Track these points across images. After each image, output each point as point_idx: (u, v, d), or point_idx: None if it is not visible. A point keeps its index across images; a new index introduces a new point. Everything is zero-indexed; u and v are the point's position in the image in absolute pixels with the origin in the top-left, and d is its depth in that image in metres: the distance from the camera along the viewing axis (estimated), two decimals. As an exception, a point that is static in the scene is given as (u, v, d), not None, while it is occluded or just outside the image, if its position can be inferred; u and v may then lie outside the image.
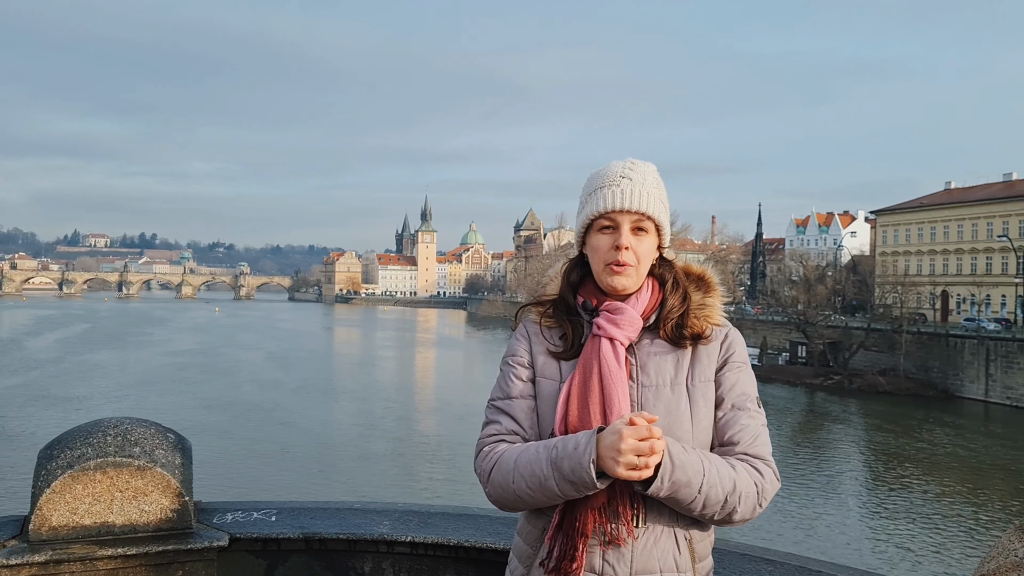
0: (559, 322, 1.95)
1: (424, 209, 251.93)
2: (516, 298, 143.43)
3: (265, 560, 2.49)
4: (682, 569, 1.76)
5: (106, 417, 2.49)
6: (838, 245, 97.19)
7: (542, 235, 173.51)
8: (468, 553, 2.42)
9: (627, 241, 1.85)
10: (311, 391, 54.67)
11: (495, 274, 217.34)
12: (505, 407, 1.92)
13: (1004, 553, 1.55)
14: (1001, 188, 75.31)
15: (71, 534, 2.26)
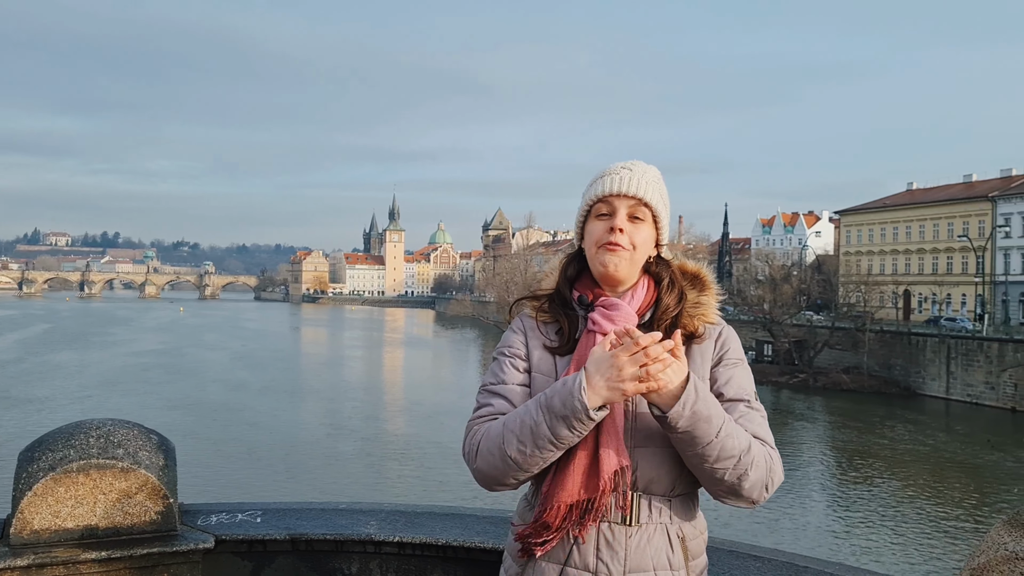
0: (555, 316, 1.95)
1: (392, 208, 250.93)
2: (485, 298, 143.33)
3: (251, 562, 2.46)
4: (675, 567, 1.77)
5: (87, 419, 2.45)
6: (803, 245, 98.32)
7: (511, 235, 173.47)
8: (456, 552, 2.42)
9: (622, 224, 1.85)
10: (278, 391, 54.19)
11: (463, 274, 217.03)
12: (499, 390, 1.92)
13: (994, 547, 1.58)
14: (961, 189, 76.67)
15: (53, 537, 2.22)
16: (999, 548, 1.56)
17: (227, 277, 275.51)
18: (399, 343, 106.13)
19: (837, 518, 24.19)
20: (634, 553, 1.75)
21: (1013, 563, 1.53)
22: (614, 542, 1.76)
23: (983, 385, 51.44)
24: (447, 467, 33.05)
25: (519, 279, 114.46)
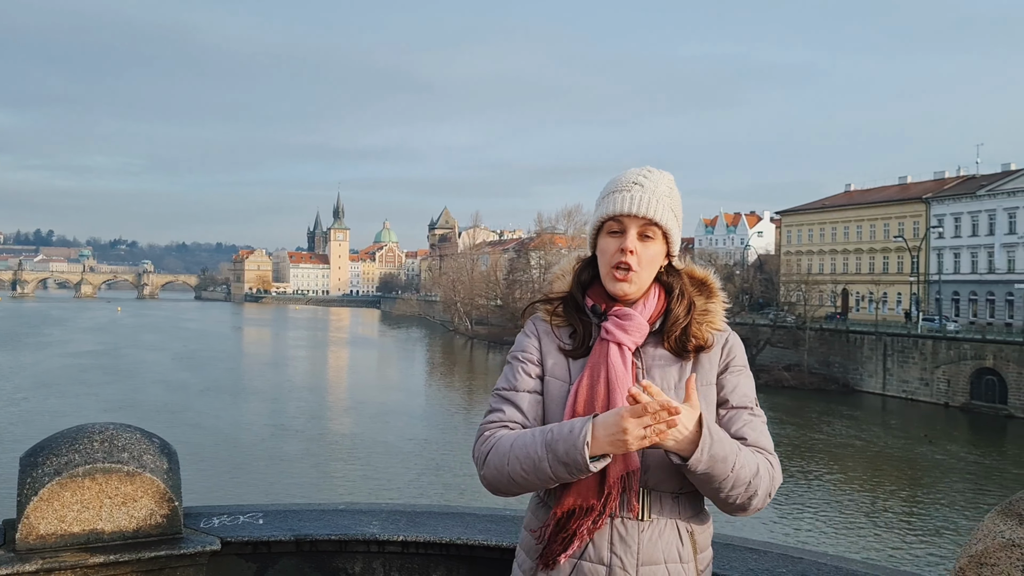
0: (569, 320, 2.01)
1: (337, 206, 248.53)
2: (431, 297, 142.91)
3: (255, 563, 2.48)
4: (685, 560, 1.86)
5: (88, 423, 2.44)
6: (745, 245, 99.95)
7: (457, 233, 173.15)
8: (459, 551, 2.47)
9: (632, 245, 1.91)
10: (220, 392, 53.35)
11: (409, 273, 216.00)
12: (510, 397, 1.99)
13: (991, 535, 1.69)
14: (896, 191, 78.83)
15: (59, 542, 2.21)
16: (996, 536, 1.68)
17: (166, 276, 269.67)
18: (344, 343, 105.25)
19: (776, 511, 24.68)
20: (646, 547, 1.84)
21: (1010, 550, 1.64)
22: (627, 536, 1.84)
23: (918, 381, 53.03)
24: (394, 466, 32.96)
25: (466, 278, 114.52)
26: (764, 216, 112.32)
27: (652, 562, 1.84)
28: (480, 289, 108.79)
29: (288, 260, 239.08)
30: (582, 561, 1.86)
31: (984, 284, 66.27)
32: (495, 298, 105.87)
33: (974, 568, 1.70)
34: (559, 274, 2.10)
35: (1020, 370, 46.91)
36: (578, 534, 1.85)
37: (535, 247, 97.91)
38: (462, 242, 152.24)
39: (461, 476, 32.80)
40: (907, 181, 79.57)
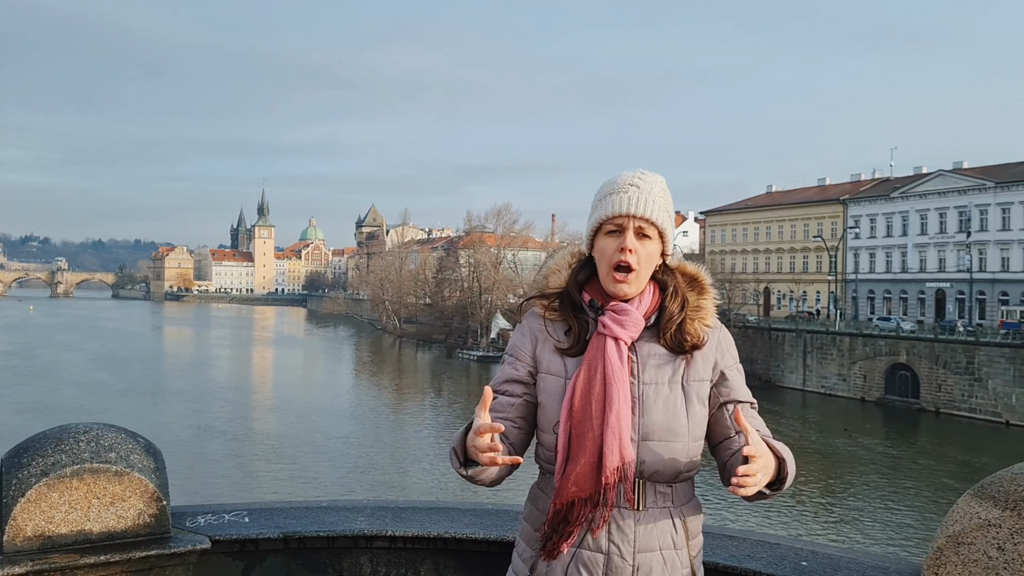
0: (564, 317, 2.07)
1: (261, 203, 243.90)
2: (359, 295, 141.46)
3: (242, 561, 2.48)
4: (678, 546, 1.95)
5: (71, 423, 2.41)
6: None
7: (385, 232, 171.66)
8: (447, 544, 2.52)
9: (631, 244, 1.98)
10: (140, 392, 52.00)
11: (336, 271, 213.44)
12: (501, 389, 2.08)
13: (966, 516, 1.82)
14: (816, 192, 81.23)
15: (47, 544, 2.18)
16: (972, 517, 1.81)
17: (82, 274, 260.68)
18: (269, 342, 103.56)
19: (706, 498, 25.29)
20: (642, 535, 1.92)
21: (986, 529, 1.77)
22: (624, 525, 1.92)
23: (836, 377, 54.83)
24: (321, 465, 32.65)
25: (394, 277, 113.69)
26: (689, 216, 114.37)
27: (648, 549, 1.92)
28: (409, 288, 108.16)
29: (211, 258, 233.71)
30: (581, 550, 1.93)
31: (898, 283, 68.85)
32: (424, 297, 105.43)
33: (952, 547, 1.82)
34: (554, 268, 2.15)
35: (931, 366, 48.90)
36: (578, 525, 1.92)
37: (464, 246, 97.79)
38: (390, 240, 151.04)
39: (390, 474, 32.72)
40: (826, 183, 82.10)
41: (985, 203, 63.52)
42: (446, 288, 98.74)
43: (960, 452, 37.59)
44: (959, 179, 65.72)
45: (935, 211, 66.75)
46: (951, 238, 65.02)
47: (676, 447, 1.94)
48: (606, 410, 1.92)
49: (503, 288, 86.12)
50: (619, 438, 1.91)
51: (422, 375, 72.45)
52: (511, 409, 2.05)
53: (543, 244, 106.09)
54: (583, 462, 1.92)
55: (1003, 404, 44.84)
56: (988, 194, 63.23)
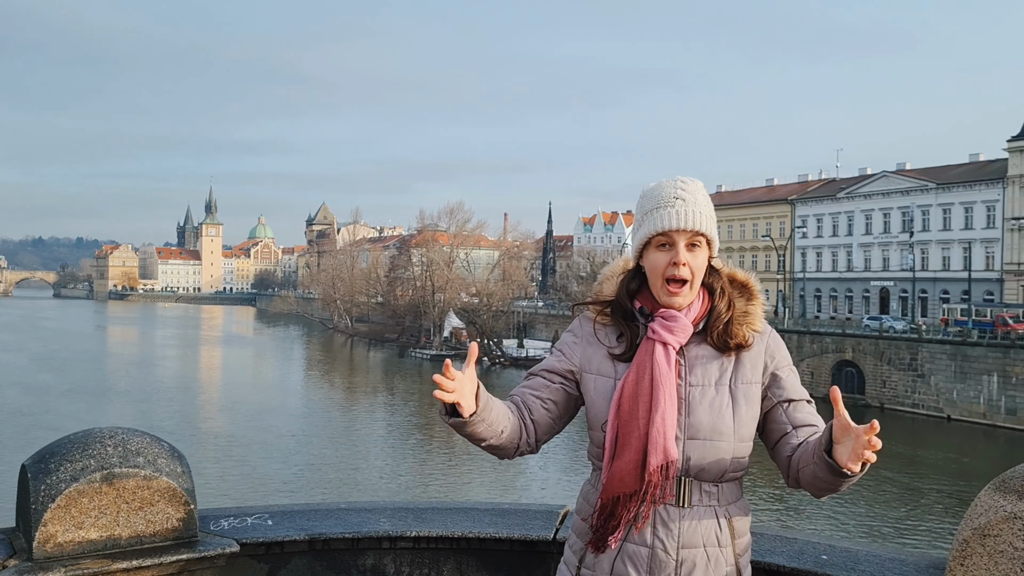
0: (615, 323, 2.15)
1: (209, 201, 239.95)
2: (310, 294, 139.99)
3: (267, 564, 2.48)
4: (723, 544, 2.01)
5: (95, 428, 2.39)
6: (623, 243, 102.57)
7: (336, 230, 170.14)
8: (469, 544, 2.55)
9: (683, 258, 2.04)
10: (84, 393, 50.92)
11: (286, 269, 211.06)
12: (537, 371, 2.22)
13: (992, 509, 1.92)
14: (764, 192, 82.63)
15: (77, 549, 2.17)
16: (997, 510, 1.90)
17: (21, 272, 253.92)
18: (218, 341, 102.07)
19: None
20: (686, 531, 1.99)
21: (1011, 521, 1.87)
22: (669, 521, 1.99)
23: (785, 374, 55.80)
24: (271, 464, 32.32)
25: (346, 275, 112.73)
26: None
27: (692, 545, 1.99)
28: (361, 286, 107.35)
29: (156, 256, 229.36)
30: (627, 543, 2.00)
31: (844, 281, 70.38)
32: (376, 295, 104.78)
33: (978, 539, 1.92)
34: (608, 275, 2.23)
35: (876, 362, 50.11)
36: (623, 519, 1.98)
37: (417, 244, 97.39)
38: (341, 238, 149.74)
39: (345, 471, 32.53)
40: (774, 183, 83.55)
41: (927, 204, 65.29)
42: (398, 287, 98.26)
43: (903, 446, 38.56)
44: (902, 180, 67.44)
45: (879, 211, 68.40)
46: (895, 238, 66.69)
47: (721, 446, 2.00)
48: (652, 410, 1.98)
49: (456, 287, 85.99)
50: (664, 437, 1.98)
51: (374, 374, 72.05)
52: (544, 390, 2.16)
53: (496, 243, 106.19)
54: (628, 459, 1.99)
55: (945, 399, 46.14)
56: (930, 195, 64.98)
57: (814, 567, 2.31)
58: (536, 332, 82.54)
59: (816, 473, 1.94)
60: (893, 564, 2.28)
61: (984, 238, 61.65)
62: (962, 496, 30.08)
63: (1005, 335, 45.99)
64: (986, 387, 44.77)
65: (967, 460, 36.86)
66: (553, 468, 32.84)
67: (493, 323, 77.65)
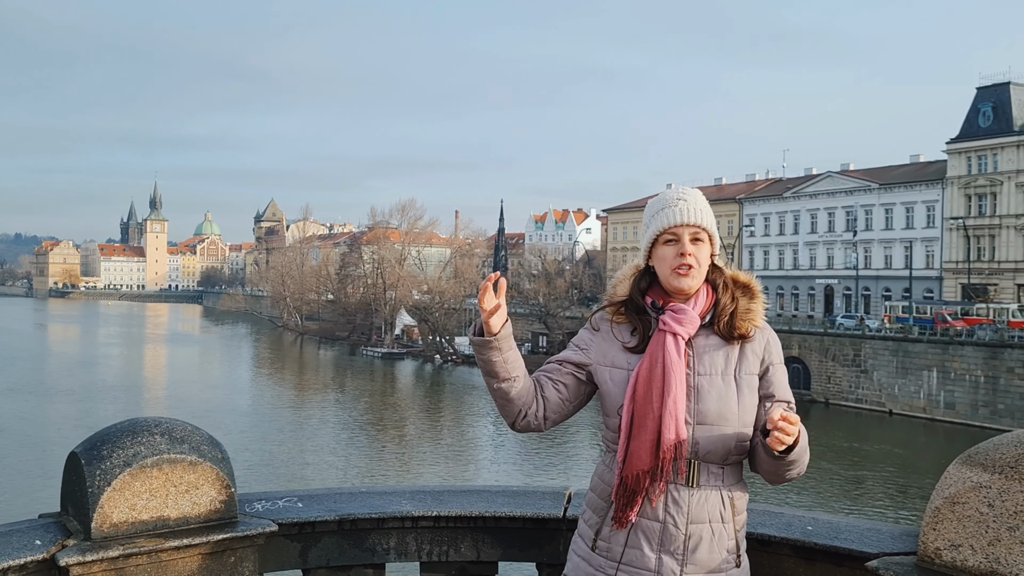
0: (629, 320, 2.39)
1: (154, 196, 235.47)
2: (259, 292, 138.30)
3: (300, 543, 2.67)
4: (726, 520, 2.27)
5: (140, 417, 2.55)
6: (574, 241, 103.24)
7: (285, 226, 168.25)
8: (486, 523, 2.77)
9: (688, 249, 2.30)
10: (25, 392, 49.92)
11: (234, 267, 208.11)
12: (555, 359, 2.48)
13: (960, 480, 2.20)
14: (713, 191, 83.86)
15: (130, 529, 2.33)
16: (965, 481, 2.19)
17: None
18: (163, 339, 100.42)
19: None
20: (695, 509, 2.24)
21: (978, 490, 2.15)
22: (679, 499, 2.24)
23: (733, 370, 56.83)
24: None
25: (296, 272, 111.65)
26: (591, 213, 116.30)
27: (699, 521, 2.24)
28: (311, 284, 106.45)
29: (99, 253, 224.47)
30: (641, 518, 2.25)
31: (790, 279, 71.87)
32: (326, 293, 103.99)
33: (948, 507, 2.20)
34: (620, 278, 2.48)
35: (821, 359, 51.39)
36: (640, 494, 2.22)
37: (368, 241, 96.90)
38: (291, 235, 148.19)
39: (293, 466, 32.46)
40: (722, 182, 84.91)
41: (870, 204, 67.03)
42: (349, 284, 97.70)
43: (847, 440, 39.67)
44: (846, 180, 69.13)
45: (824, 211, 70.02)
46: (839, 236, 68.34)
47: (727, 431, 2.25)
48: (664, 395, 2.23)
49: (408, 284, 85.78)
50: (675, 419, 2.22)
51: (325, 372, 71.60)
52: (558, 374, 2.43)
53: (448, 241, 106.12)
54: (644, 439, 2.23)
55: (887, 394, 47.52)
56: (872, 195, 66.73)
57: (801, 536, 2.58)
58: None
59: (760, 454, 2.22)
60: (871, 533, 2.56)
61: (924, 237, 63.55)
62: (902, 486, 31.14)
63: (944, 332, 47.54)
64: (926, 382, 46.21)
65: (907, 453, 38.06)
66: (540, 458, 33.49)
67: (445, 321, 77.70)
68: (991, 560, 2.13)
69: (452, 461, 34.83)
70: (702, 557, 2.23)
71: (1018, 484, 2.10)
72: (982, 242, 60.15)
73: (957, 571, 2.19)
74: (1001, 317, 49.17)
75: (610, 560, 2.28)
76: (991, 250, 59.70)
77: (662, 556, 2.23)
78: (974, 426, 43.32)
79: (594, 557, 2.31)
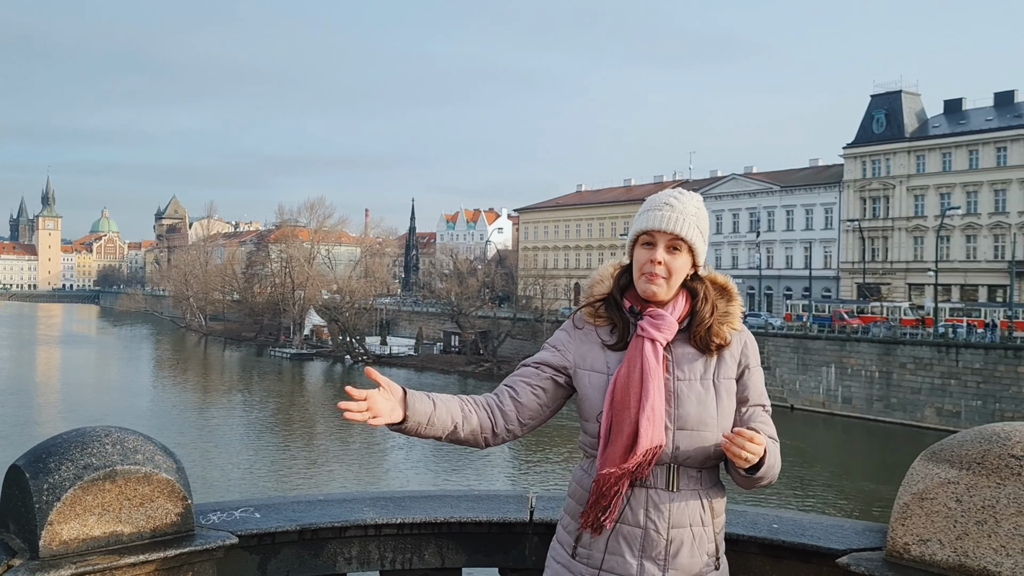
0: (609, 318, 2.37)
1: (46, 192, 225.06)
2: (160, 291, 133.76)
3: (259, 555, 2.55)
4: (705, 523, 2.27)
5: (86, 427, 2.39)
6: (486, 240, 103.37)
7: (188, 224, 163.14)
8: (450, 528, 2.71)
9: (661, 257, 2.28)
10: (-100, 400, 47.05)
11: (133, 265, 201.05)
12: (529, 363, 2.44)
13: (928, 476, 2.25)
14: (622, 192, 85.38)
15: (82, 547, 2.17)
16: (933, 477, 2.24)
17: None
18: (57, 341, 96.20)
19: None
20: (675, 513, 2.24)
21: (946, 486, 2.21)
22: (660, 504, 2.23)
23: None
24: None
25: (199, 272, 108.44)
26: (503, 213, 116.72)
27: (680, 525, 2.23)
28: (215, 283, 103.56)
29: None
30: (622, 524, 2.23)
31: (696, 279, 73.55)
32: (232, 293, 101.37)
33: (917, 502, 2.25)
34: (599, 279, 2.45)
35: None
36: (617, 500, 2.20)
37: (276, 240, 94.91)
38: (194, 233, 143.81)
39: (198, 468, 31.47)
40: (631, 183, 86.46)
41: (772, 205, 69.33)
42: (256, 284, 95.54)
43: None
44: (749, 183, 71.30)
45: (729, 212, 72.06)
46: (743, 237, 70.44)
47: (707, 436, 2.24)
48: (642, 399, 2.21)
49: (317, 284, 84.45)
50: (653, 424, 2.20)
51: (230, 374, 69.78)
52: (535, 377, 2.38)
53: (358, 239, 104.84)
54: (621, 444, 2.21)
55: (788, 390, 49.19)
56: (774, 197, 69.03)
57: (768, 535, 2.61)
58: (399, 329, 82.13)
59: (732, 467, 2.24)
60: (835, 529, 2.61)
61: (823, 238, 66.10)
62: (803, 478, 32.27)
63: (842, 329, 49.54)
64: (825, 378, 48.08)
65: (806, 446, 39.44)
66: (452, 459, 33.27)
67: (355, 320, 76.74)
68: (959, 554, 2.19)
69: (364, 464, 34.45)
70: (683, 561, 2.22)
71: (985, 479, 2.16)
72: (876, 243, 62.95)
73: (926, 565, 2.24)
74: (894, 315, 51.61)
75: (591, 567, 2.25)
76: (884, 251, 62.54)
77: (644, 562, 2.21)
78: (869, 419, 45.32)
79: (574, 564, 2.28)
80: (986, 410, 40.66)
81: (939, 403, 42.94)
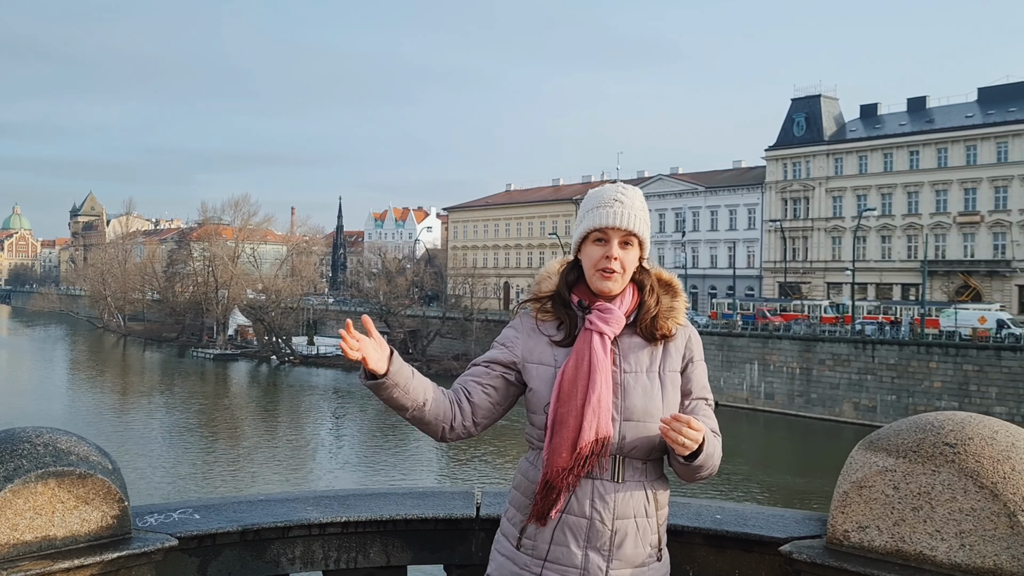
0: (556, 315, 2.38)
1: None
2: (75, 291, 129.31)
3: (199, 557, 2.47)
4: (649, 515, 2.30)
5: (16, 427, 2.29)
6: (414, 239, 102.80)
7: (105, 222, 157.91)
8: (396, 526, 2.68)
9: (616, 253, 2.31)
10: None
11: (47, 264, 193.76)
12: (479, 362, 2.43)
13: (867, 465, 2.32)
14: (550, 192, 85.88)
15: (12, 552, 2.08)
16: (871, 465, 2.31)
17: None
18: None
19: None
20: (620, 504, 2.26)
21: (884, 474, 2.28)
22: (605, 495, 2.25)
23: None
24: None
25: (117, 271, 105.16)
26: (432, 212, 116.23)
27: (624, 516, 2.25)
28: (135, 282, 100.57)
29: None
30: (567, 515, 2.24)
31: (624, 278, 74.48)
32: (152, 292, 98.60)
33: (856, 490, 2.32)
34: (545, 275, 2.46)
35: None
36: (563, 491, 2.21)
37: (198, 238, 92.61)
38: (112, 231, 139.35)
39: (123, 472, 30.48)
40: (559, 183, 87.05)
41: (697, 206, 70.66)
42: (178, 283, 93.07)
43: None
44: (675, 183, 72.53)
45: (655, 212, 73.10)
46: (669, 237, 71.59)
47: (652, 427, 2.26)
48: (589, 392, 2.22)
49: (241, 283, 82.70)
50: (598, 416, 2.22)
51: (151, 376, 67.86)
52: (485, 377, 2.37)
53: (284, 238, 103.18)
54: (565, 436, 2.22)
55: (714, 387, 50.02)
56: (699, 198, 70.37)
57: (712, 525, 2.65)
58: (327, 329, 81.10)
59: (671, 455, 2.26)
60: (776, 519, 2.67)
61: (746, 238, 67.64)
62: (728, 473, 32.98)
63: (764, 327, 50.79)
64: (748, 375, 49.22)
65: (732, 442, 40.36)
66: (381, 455, 32.86)
67: (282, 320, 75.47)
68: (896, 539, 2.26)
69: (294, 465, 33.93)
70: (627, 552, 2.24)
71: (921, 467, 2.24)
72: (797, 243, 64.72)
73: (865, 551, 2.31)
74: (814, 313, 53.11)
75: (535, 558, 2.26)
76: (804, 251, 64.33)
77: (588, 552, 2.22)
78: (790, 415, 46.58)
79: (519, 555, 2.28)
80: (900, 404, 42.17)
81: (856, 398, 44.37)
